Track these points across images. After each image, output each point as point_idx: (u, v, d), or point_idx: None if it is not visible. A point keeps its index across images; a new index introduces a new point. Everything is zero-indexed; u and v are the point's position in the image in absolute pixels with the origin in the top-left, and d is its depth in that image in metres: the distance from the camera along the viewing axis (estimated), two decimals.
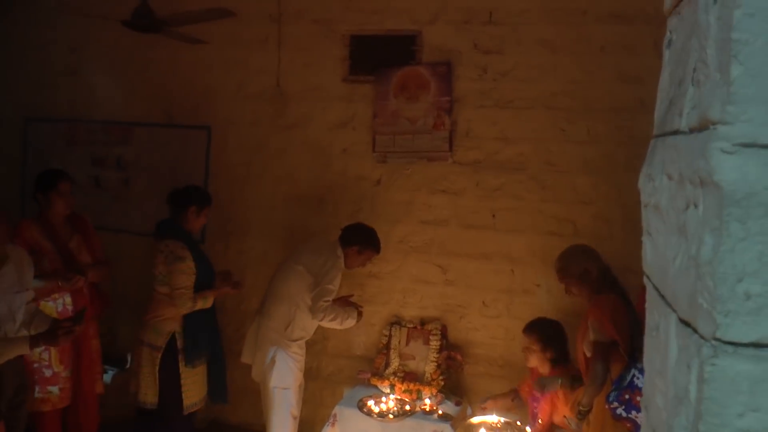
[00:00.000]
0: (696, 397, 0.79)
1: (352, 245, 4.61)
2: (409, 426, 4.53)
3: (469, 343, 4.82)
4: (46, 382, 4.27)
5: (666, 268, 0.98)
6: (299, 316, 4.52)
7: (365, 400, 4.70)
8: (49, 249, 4.27)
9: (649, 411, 1.15)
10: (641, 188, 1.19)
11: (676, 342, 0.90)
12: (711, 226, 0.77)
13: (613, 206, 4.36)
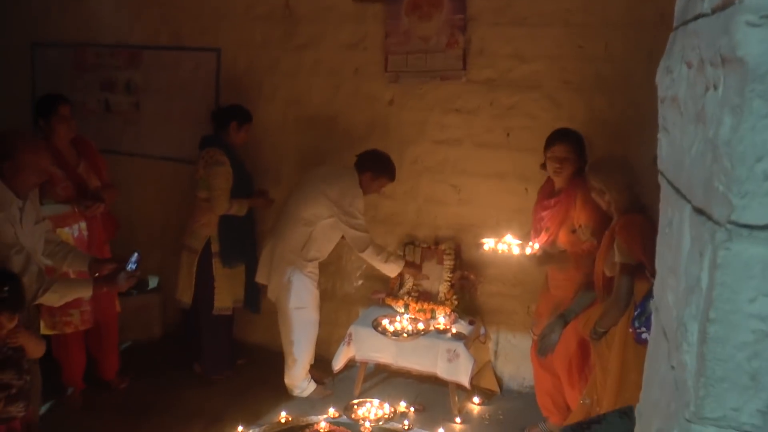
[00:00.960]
0: (707, 285, 0.77)
1: (365, 171, 4.60)
2: (423, 345, 4.60)
3: (483, 262, 4.82)
4: (68, 305, 4.36)
5: (682, 161, 0.95)
6: (314, 238, 4.57)
7: (380, 320, 4.76)
8: (61, 176, 4.28)
9: (659, 312, 1.14)
10: (659, 83, 1.15)
11: (689, 233, 0.88)
12: (731, 105, 0.73)
13: (630, 125, 4.28)
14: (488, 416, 4.72)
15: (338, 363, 4.85)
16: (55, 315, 4.32)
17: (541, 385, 4.28)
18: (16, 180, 3.25)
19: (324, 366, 5.07)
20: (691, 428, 0.85)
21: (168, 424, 4.42)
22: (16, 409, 2.99)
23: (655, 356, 1.14)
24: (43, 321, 4.28)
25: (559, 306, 3.99)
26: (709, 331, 0.77)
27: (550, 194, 4.03)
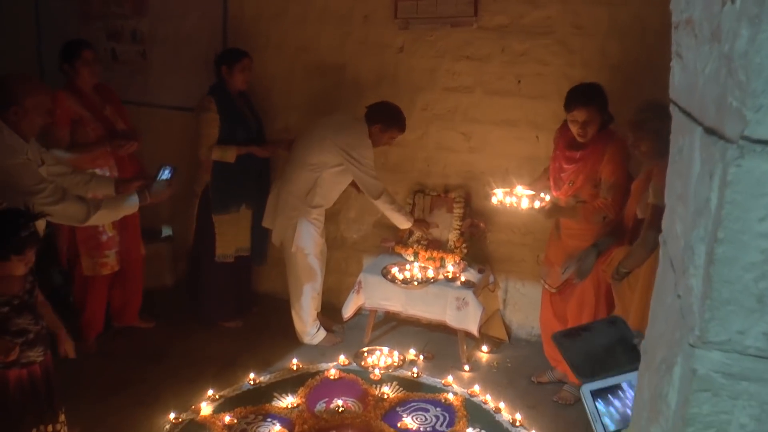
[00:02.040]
0: (716, 204, 0.75)
1: (375, 123, 4.55)
2: (432, 293, 4.61)
3: (493, 210, 4.81)
4: (104, 246, 4.50)
5: (694, 83, 0.92)
6: (320, 184, 4.57)
7: (389, 268, 4.77)
8: (89, 118, 4.35)
9: (667, 244, 1.12)
10: (673, 8, 1.11)
11: (699, 156, 0.85)
12: (749, 16, 0.70)
13: (644, 70, 4.20)
14: (496, 364, 4.76)
15: (348, 311, 4.88)
16: (94, 257, 4.45)
17: (550, 332, 4.29)
18: (23, 124, 3.23)
19: (333, 314, 5.11)
20: (694, 353, 0.84)
21: (180, 370, 4.48)
22: (35, 353, 3.03)
23: (662, 288, 1.12)
24: (83, 263, 4.43)
25: (572, 253, 3.98)
26: (717, 251, 0.75)
27: (572, 145, 3.94)
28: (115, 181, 3.79)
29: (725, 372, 0.82)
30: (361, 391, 4.32)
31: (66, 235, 4.42)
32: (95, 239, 4.45)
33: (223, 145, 4.67)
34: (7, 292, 2.90)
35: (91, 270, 4.49)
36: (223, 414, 4.01)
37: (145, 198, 3.60)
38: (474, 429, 3.93)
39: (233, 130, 4.73)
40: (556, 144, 4.11)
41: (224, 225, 4.86)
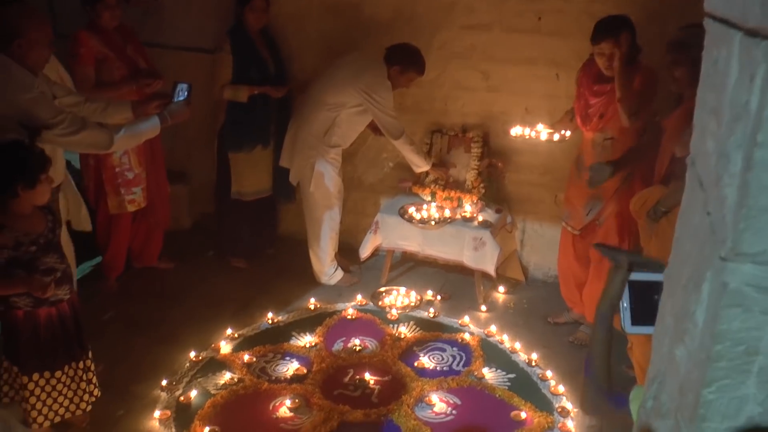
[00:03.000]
0: (757, 107, 0.72)
1: (394, 65, 4.48)
2: (449, 233, 4.60)
3: (511, 150, 4.75)
4: (131, 183, 4.50)
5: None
6: (338, 124, 4.53)
7: (407, 208, 4.76)
8: (113, 57, 4.32)
9: (696, 164, 1.09)
10: None
11: (738, 62, 0.81)
12: None
13: (669, 6, 4.07)
14: (513, 305, 4.77)
15: (365, 251, 4.88)
16: (121, 194, 4.46)
17: (570, 275, 4.28)
18: (29, 57, 3.16)
19: (351, 254, 5.12)
20: (726, 267, 0.81)
21: (199, 310, 4.53)
22: (63, 292, 3.07)
23: (689, 210, 1.09)
24: (109, 202, 4.44)
25: (596, 196, 3.92)
26: (756, 156, 0.72)
27: (600, 79, 3.84)
28: (132, 104, 3.74)
29: (758, 285, 0.80)
30: (378, 331, 4.35)
31: (92, 173, 4.42)
32: (122, 176, 4.44)
33: (235, 85, 4.65)
34: (32, 231, 2.92)
35: (116, 208, 4.48)
36: (242, 352, 4.06)
37: (166, 119, 3.56)
38: (490, 368, 3.96)
39: (246, 70, 4.68)
40: (580, 83, 4.00)
41: (240, 164, 4.84)
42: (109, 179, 4.41)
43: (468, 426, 3.46)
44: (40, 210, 3.00)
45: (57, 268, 3.01)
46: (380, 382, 3.83)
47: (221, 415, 3.53)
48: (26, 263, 2.90)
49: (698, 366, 0.89)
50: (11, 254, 2.85)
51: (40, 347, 3.06)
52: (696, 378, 0.90)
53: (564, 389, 3.75)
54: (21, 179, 2.83)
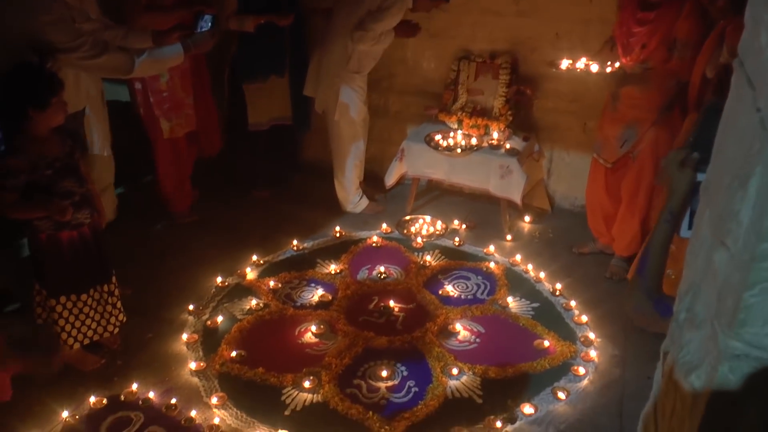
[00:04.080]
0: None
1: None
2: (475, 161, 4.54)
3: (540, 76, 4.63)
4: (178, 108, 4.45)
5: None
6: (357, 50, 4.43)
7: (433, 135, 4.69)
8: None
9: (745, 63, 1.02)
10: None
11: None
12: None
13: None
14: (538, 234, 4.73)
15: (390, 179, 4.84)
16: (172, 118, 4.43)
17: (598, 207, 4.20)
18: None
19: (376, 183, 5.09)
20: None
21: (224, 237, 4.56)
22: (83, 215, 3.08)
23: (734, 112, 1.04)
24: (162, 127, 4.40)
25: (632, 126, 3.79)
26: None
27: (644, 5, 3.64)
28: (153, 33, 3.67)
29: None
30: (403, 259, 4.35)
31: (142, 100, 4.37)
32: (171, 100, 4.40)
33: (240, 15, 4.49)
34: (48, 155, 2.91)
35: (170, 133, 4.45)
36: (268, 278, 4.08)
37: (189, 48, 3.51)
38: (514, 297, 3.95)
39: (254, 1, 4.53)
40: (623, 7, 3.82)
41: (255, 94, 4.77)
42: (159, 104, 4.36)
43: (491, 354, 3.47)
44: (58, 134, 2.99)
45: (75, 192, 3.01)
46: (405, 309, 3.84)
47: (247, 340, 3.57)
48: (44, 187, 2.90)
49: (740, 268, 0.85)
50: (28, 178, 2.86)
51: (64, 270, 3.10)
52: (737, 281, 0.86)
53: (587, 319, 3.73)
54: (31, 101, 2.81)
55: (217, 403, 3.11)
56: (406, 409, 3.07)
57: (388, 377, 3.27)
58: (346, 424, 3.00)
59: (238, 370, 3.31)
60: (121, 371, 3.33)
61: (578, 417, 3.07)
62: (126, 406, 3.10)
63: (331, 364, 3.32)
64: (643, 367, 3.34)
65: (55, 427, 2.96)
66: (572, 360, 3.42)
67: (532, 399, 3.15)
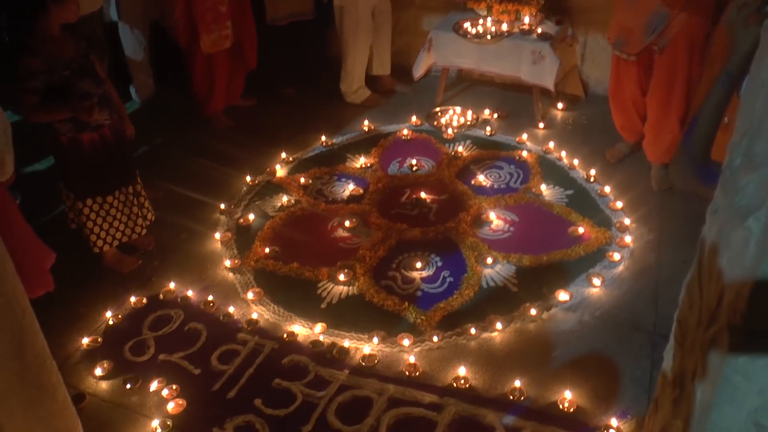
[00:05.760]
0: None
1: None
2: (506, 47, 4.38)
3: None
4: (223, 18, 4.34)
5: None
6: None
7: (461, 23, 4.53)
8: None
9: None
10: None
11: None
12: None
13: None
14: (572, 121, 4.61)
15: (418, 70, 4.73)
16: (213, 32, 4.32)
17: (630, 103, 3.92)
18: None
19: (404, 76, 4.98)
20: None
21: (251, 136, 4.53)
22: (102, 117, 3.06)
23: None
24: (203, 41, 4.29)
25: (660, 10, 3.44)
26: None
27: None
28: None
29: None
30: (434, 151, 4.28)
31: (182, 13, 4.26)
32: (214, 10, 4.27)
33: None
34: (63, 55, 2.88)
35: (211, 46, 4.34)
36: (298, 175, 4.07)
37: None
38: (548, 185, 3.89)
39: None
40: None
41: None
42: (201, 15, 4.23)
43: (525, 242, 3.45)
44: (72, 34, 2.95)
45: (93, 93, 2.98)
46: (437, 200, 3.81)
47: (280, 236, 3.59)
48: (61, 88, 2.87)
49: None
50: (46, 79, 2.82)
51: (88, 172, 3.11)
52: None
53: (622, 204, 3.67)
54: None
55: (253, 298, 3.15)
56: (441, 299, 3.09)
57: (423, 268, 3.29)
58: (382, 316, 3.04)
59: (273, 266, 3.35)
60: (158, 271, 3.39)
61: (613, 303, 3.06)
62: (165, 304, 3.16)
63: (365, 257, 3.34)
64: (678, 252, 3.30)
65: (99, 327, 3.04)
66: (607, 246, 3.38)
67: (567, 286, 3.15)
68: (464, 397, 2.62)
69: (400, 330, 2.94)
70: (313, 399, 2.64)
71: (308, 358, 2.83)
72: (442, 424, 2.51)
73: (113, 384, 2.76)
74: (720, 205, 1.07)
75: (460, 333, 2.91)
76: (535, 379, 2.69)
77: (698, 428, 1.01)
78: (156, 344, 2.94)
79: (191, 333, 2.99)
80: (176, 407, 2.63)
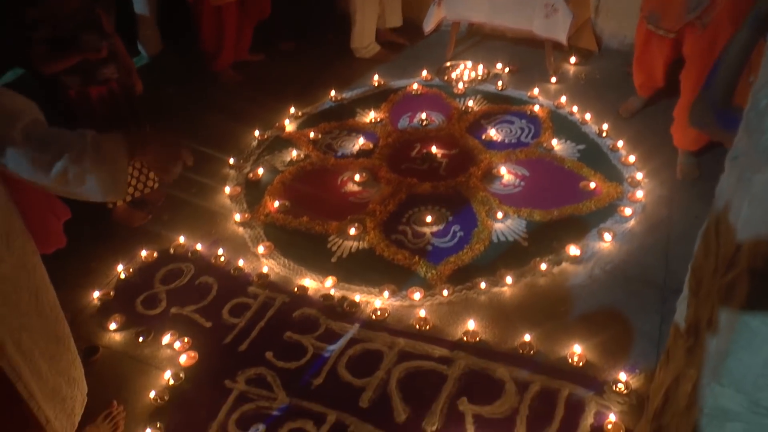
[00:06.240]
0: None
1: None
2: (518, 0, 4.30)
3: None
4: None
5: None
6: None
7: None
8: None
9: None
10: None
11: None
12: None
13: None
14: (584, 76, 4.54)
15: (429, 25, 4.66)
16: None
17: (656, 67, 3.74)
18: None
19: (413, 31, 4.91)
20: None
21: (261, 91, 4.50)
22: (110, 71, 3.03)
23: None
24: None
25: None
26: None
27: None
28: None
29: None
30: (444, 105, 4.24)
31: None
32: None
33: None
34: (66, 6, 2.84)
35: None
36: (308, 130, 4.04)
37: None
38: (560, 140, 3.85)
39: None
40: None
41: None
42: None
43: (536, 197, 3.42)
44: None
45: (100, 47, 2.95)
46: (448, 155, 3.78)
47: (290, 190, 3.58)
48: (68, 41, 2.84)
49: None
50: (51, 32, 2.79)
51: (96, 127, 3.07)
52: None
53: (635, 159, 3.63)
54: None
55: (264, 252, 3.16)
56: (451, 253, 3.09)
57: (433, 223, 3.28)
58: (392, 270, 3.04)
59: (283, 220, 3.35)
60: (168, 226, 3.39)
61: (624, 257, 3.05)
62: (176, 258, 3.17)
63: (375, 212, 3.33)
64: (691, 208, 3.28)
65: (110, 281, 3.06)
66: (619, 201, 3.36)
67: (577, 241, 3.13)
68: (474, 351, 2.63)
69: (410, 284, 2.94)
70: (323, 352, 2.66)
71: (319, 312, 2.84)
72: (452, 378, 2.52)
73: (126, 337, 2.79)
74: (741, 150, 1.05)
75: (471, 287, 2.92)
76: (544, 333, 2.69)
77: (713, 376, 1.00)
78: (168, 298, 2.95)
79: (202, 287, 3.01)
80: (188, 360, 2.65)
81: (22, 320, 1.83)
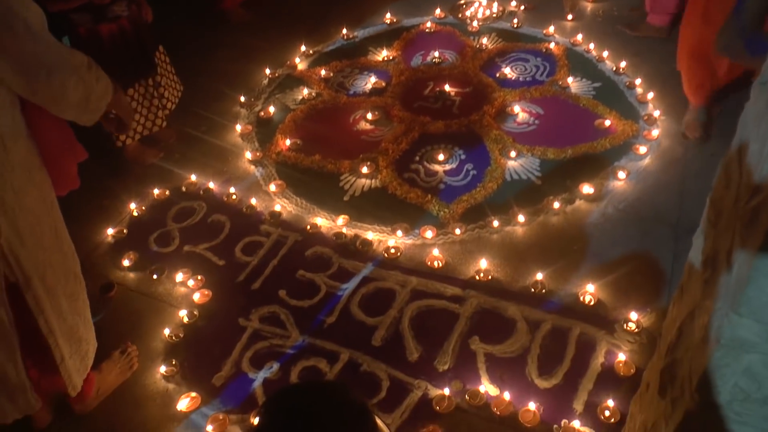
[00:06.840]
0: None
1: None
2: None
3: None
4: None
5: None
6: None
7: None
8: None
9: None
10: None
11: None
12: None
13: None
14: (602, 13, 4.44)
15: None
16: None
17: None
18: None
19: None
20: None
21: (271, 31, 4.42)
22: (120, 8, 2.98)
23: None
24: None
25: None
26: None
27: None
28: None
29: None
30: (458, 43, 4.16)
31: None
32: None
33: None
34: None
35: None
36: (319, 68, 3.99)
37: None
38: (575, 78, 3.78)
39: None
40: None
41: None
42: None
43: (550, 135, 3.38)
44: None
45: None
46: (461, 93, 3.73)
47: (302, 129, 3.55)
48: None
49: None
50: None
51: (106, 64, 3.01)
52: None
53: (652, 96, 3.57)
54: None
55: (276, 190, 3.15)
56: (464, 191, 3.07)
57: (446, 161, 3.25)
58: (405, 208, 3.02)
59: (295, 159, 3.33)
60: (180, 164, 3.38)
61: (637, 196, 3.02)
62: (188, 196, 3.17)
63: (387, 150, 3.30)
64: (707, 145, 3.23)
65: (123, 219, 3.07)
66: (634, 139, 3.32)
67: (591, 179, 3.10)
68: (486, 290, 2.63)
69: (422, 223, 2.93)
70: (336, 291, 2.67)
71: (331, 250, 2.84)
72: (464, 317, 2.53)
73: (140, 274, 2.80)
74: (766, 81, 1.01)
75: (483, 226, 2.90)
76: (556, 272, 2.69)
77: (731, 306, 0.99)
78: (180, 235, 2.96)
79: (214, 225, 3.01)
80: (202, 297, 2.67)
81: (46, 255, 1.85)
